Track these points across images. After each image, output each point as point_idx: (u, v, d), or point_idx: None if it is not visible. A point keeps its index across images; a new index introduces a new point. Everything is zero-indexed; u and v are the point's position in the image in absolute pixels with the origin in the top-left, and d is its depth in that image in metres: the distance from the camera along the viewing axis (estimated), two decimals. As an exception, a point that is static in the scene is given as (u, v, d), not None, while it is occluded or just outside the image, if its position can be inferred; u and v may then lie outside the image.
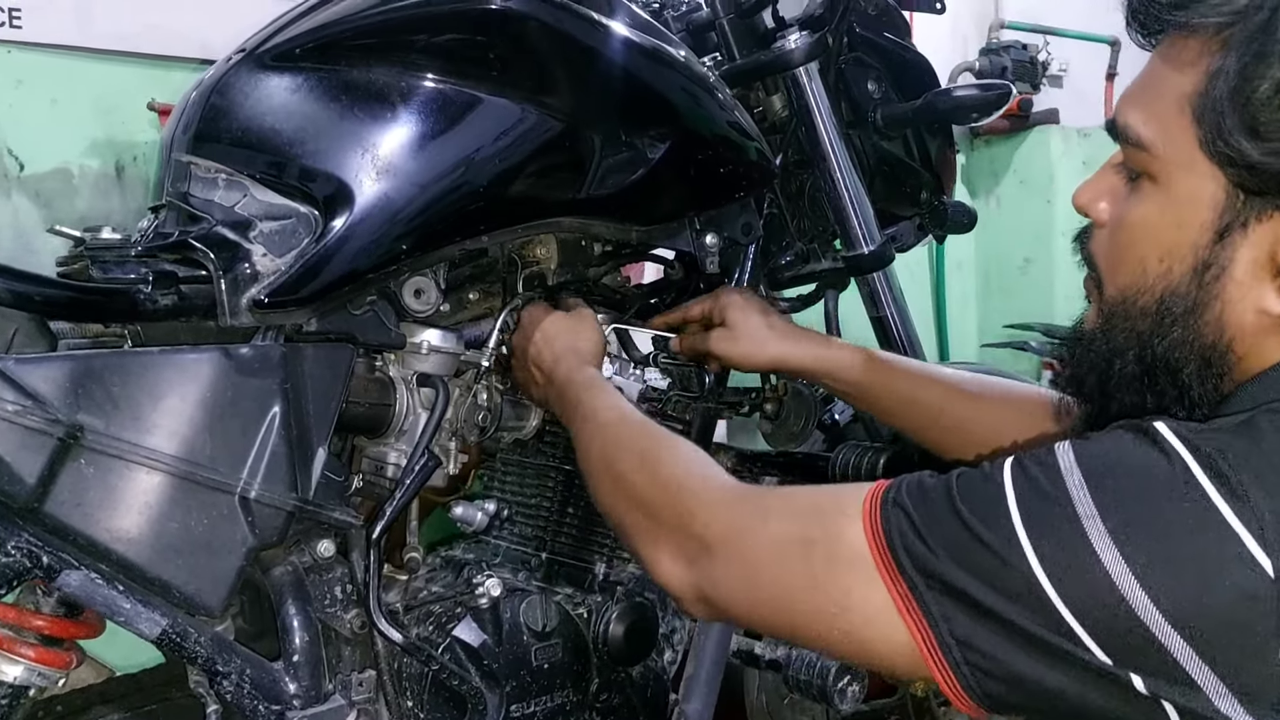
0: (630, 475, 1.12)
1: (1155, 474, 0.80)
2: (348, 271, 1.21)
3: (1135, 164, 0.91)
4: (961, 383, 1.41)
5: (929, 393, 1.39)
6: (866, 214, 1.63)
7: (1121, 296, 0.92)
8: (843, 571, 0.88)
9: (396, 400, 1.32)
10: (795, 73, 1.59)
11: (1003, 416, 1.34)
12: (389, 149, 1.23)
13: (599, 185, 1.34)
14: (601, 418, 1.23)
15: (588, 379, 1.31)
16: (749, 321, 1.44)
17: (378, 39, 1.26)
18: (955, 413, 1.37)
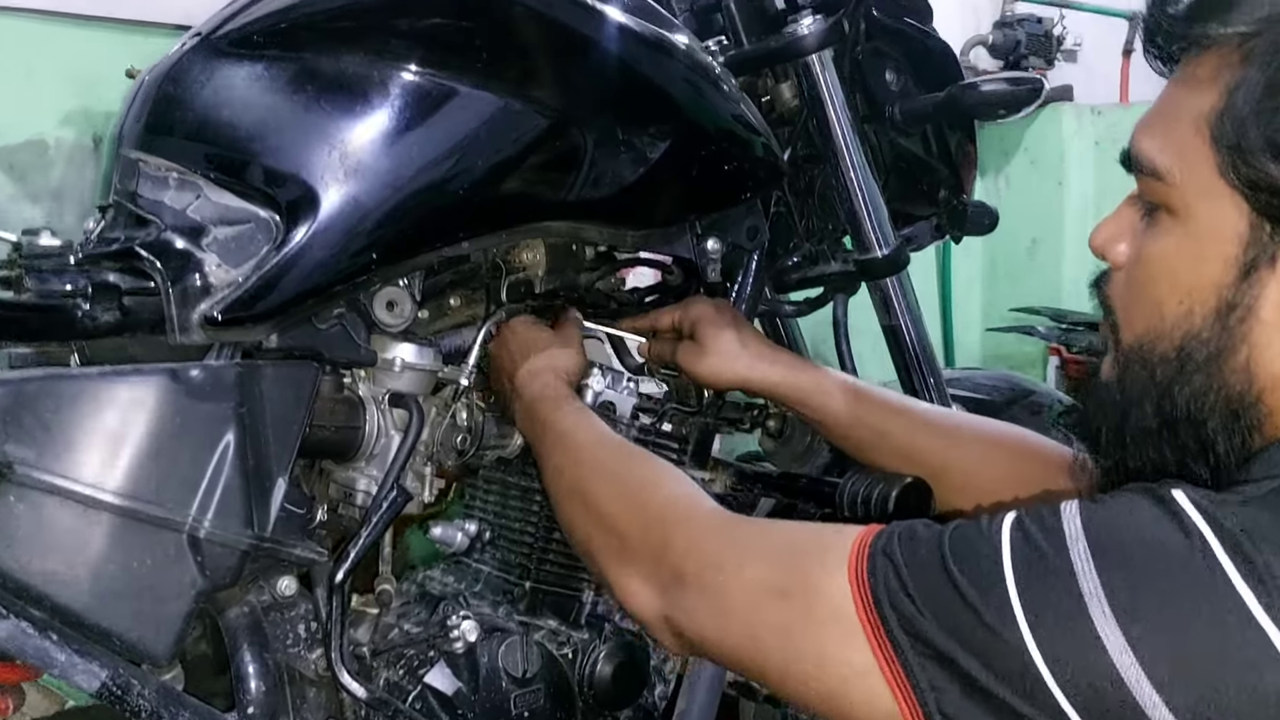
0: (603, 496, 1.06)
1: (1170, 550, 0.72)
2: (311, 284, 1.09)
3: (1151, 195, 0.84)
4: (937, 419, 1.32)
5: (900, 427, 1.30)
6: (880, 215, 1.51)
7: (1139, 343, 0.85)
8: (822, 625, 0.81)
9: (366, 422, 1.20)
10: (807, 61, 1.46)
11: (980, 459, 1.25)
12: (359, 147, 1.11)
13: (591, 186, 1.22)
14: (573, 438, 1.15)
15: (560, 397, 1.22)
16: (719, 337, 1.34)
17: (348, 24, 1.14)
18: (932, 455, 1.27)
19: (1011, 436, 1.27)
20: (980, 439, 1.28)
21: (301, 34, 1.13)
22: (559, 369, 1.27)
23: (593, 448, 1.13)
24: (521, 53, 1.17)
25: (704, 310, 1.35)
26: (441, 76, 1.13)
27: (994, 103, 1.41)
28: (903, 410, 1.32)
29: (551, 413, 1.19)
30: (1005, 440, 1.27)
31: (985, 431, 1.29)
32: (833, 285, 1.64)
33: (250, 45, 1.13)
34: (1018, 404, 1.86)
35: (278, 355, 1.12)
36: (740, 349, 1.33)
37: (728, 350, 1.33)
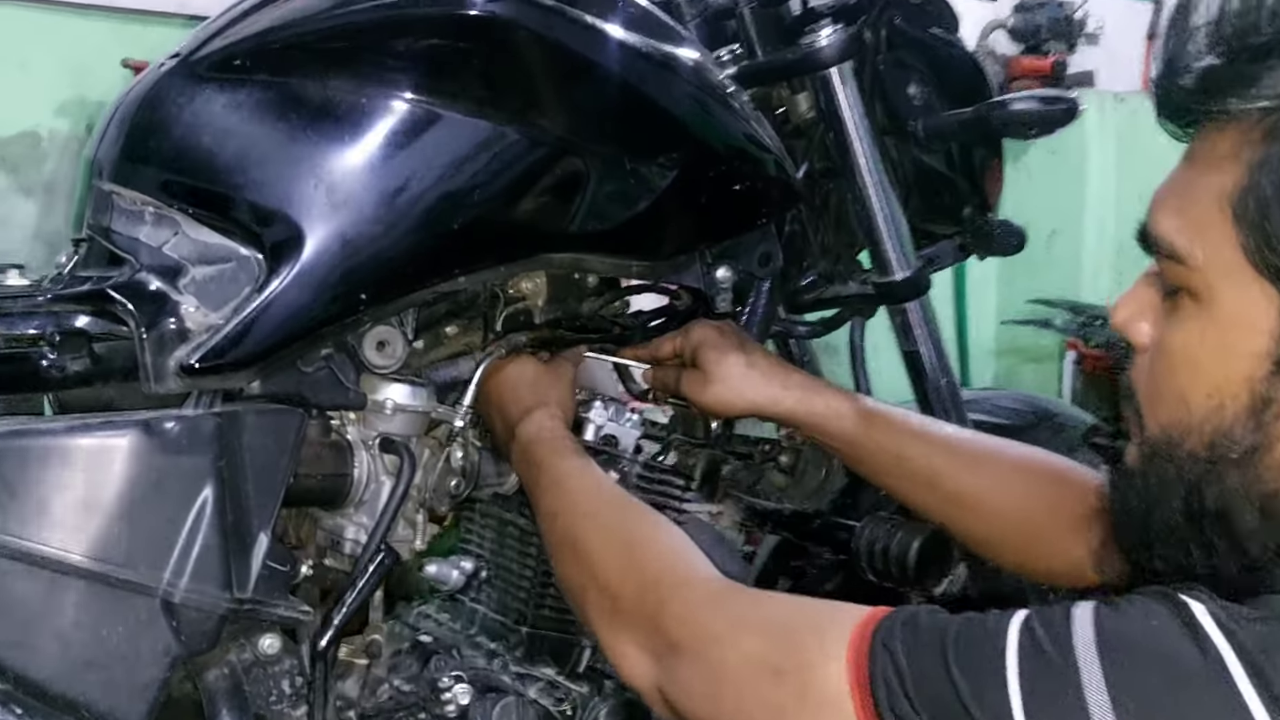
0: (597, 552, 1.01)
1: (1185, 669, 0.67)
2: (296, 328, 1.03)
3: (1172, 278, 0.78)
4: (959, 443, 1.24)
5: (919, 451, 1.22)
6: (901, 235, 1.43)
7: (1165, 435, 0.79)
8: (817, 710, 0.78)
9: (356, 468, 1.14)
10: (826, 73, 1.38)
11: (1003, 485, 1.19)
12: (348, 179, 1.04)
13: (594, 217, 1.15)
14: (568, 484, 1.10)
15: (556, 438, 1.16)
16: (723, 363, 1.26)
17: (336, 47, 1.06)
18: (953, 480, 1.21)
19: (1036, 461, 1.21)
20: (1003, 463, 1.21)
21: (287, 57, 1.06)
22: (554, 407, 1.21)
23: (588, 496, 1.08)
24: (519, 78, 1.09)
25: (706, 334, 1.27)
26: (435, 103, 1.06)
27: (1025, 123, 1.33)
28: (922, 434, 1.25)
29: (547, 455, 1.13)
30: (1030, 464, 1.20)
31: (1009, 456, 1.23)
32: (849, 308, 1.56)
33: (232, 69, 1.06)
34: (1040, 426, 1.79)
35: (260, 401, 1.05)
36: (747, 373, 1.25)
37: (734, 376, 1.25)
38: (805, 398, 1.26)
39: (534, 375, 1.24)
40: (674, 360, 1.32)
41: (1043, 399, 1.91)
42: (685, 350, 1.29)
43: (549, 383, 1.24)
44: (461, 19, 1.05)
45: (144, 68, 1.14)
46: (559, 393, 1.24)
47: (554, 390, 1.24)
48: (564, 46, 1.09)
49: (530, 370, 1.24)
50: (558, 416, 1.20)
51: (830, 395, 1.26)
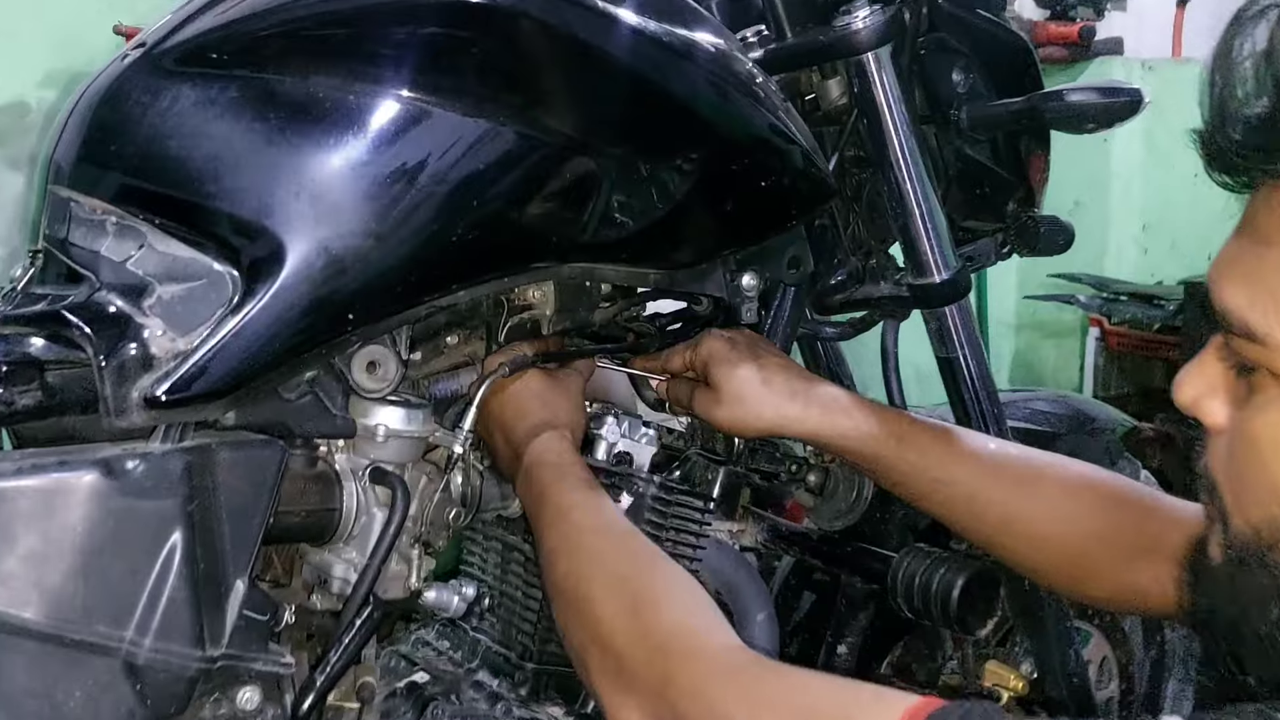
0: (602, 605, 0.90)
1: None
2: (276, 353, 0.92)
3: (1246, 356, 0.69)
4: (1008, 465, 1.13)
5: (962, 475, 1.11)
6: (940, 233, 1.32)
7: (1254, 535, 0.70)
8: None
9: (344, 500, 1.03)
10: (861, 58, 1.26)
11: (1058, 510, 1.08)
12: (334, 186, 0.93)
13: (607, 225, 1.04)
14: (574, 520, 0.99)
15: (563, 463, 1.05)
16: (735, 379, 1.13)
17: (320, 39, 0.95)
18: (997, 506, 1.10)
19: (1090, 482, 1.10)
20: (1053, 486, 1.10)
21: (265, 50, 0.95)
22: (563, 426, 1.10)
23: (595, 538, 0.97)
24: (523, 72, 0.98)
25: (715, 347, 1.15)
26: (430, 101, 0.95)
27: (1083, 116, 1.21)
28: (961, 455, 1.13)
29: (552, 483, 1.03)
30: (1082, 486, 1.10)
31: (1058, 476, 1.11)
32: (881, 310, 1.44)
33: (204, 62, 0.94)
34: (1078, 432, 1.68)
35: (236, 432, 0.94)
36: (763, 390, 1.13)
37: (748, 394, 1.13)
38: (828, 415, 1.14)
39: (541, 390, 1.13)
40: (686, 373, 1.20)
41: (1078, 400, 1.81)
42: (695, 364, 1.17)
43: (557, 398, 1.13)
44: (460, 7, 0.93)
45: (136, 34, 1.03)
46: (568, 409, 1.13)
47: (563, 406, 1.13)
48: (572, 36, 0.97)
49: (537, 384, 1.13)
50: (566, 437, 1.09)
51: (857, 411, 1.14)
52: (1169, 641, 1.93)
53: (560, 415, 1.11)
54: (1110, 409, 1.82)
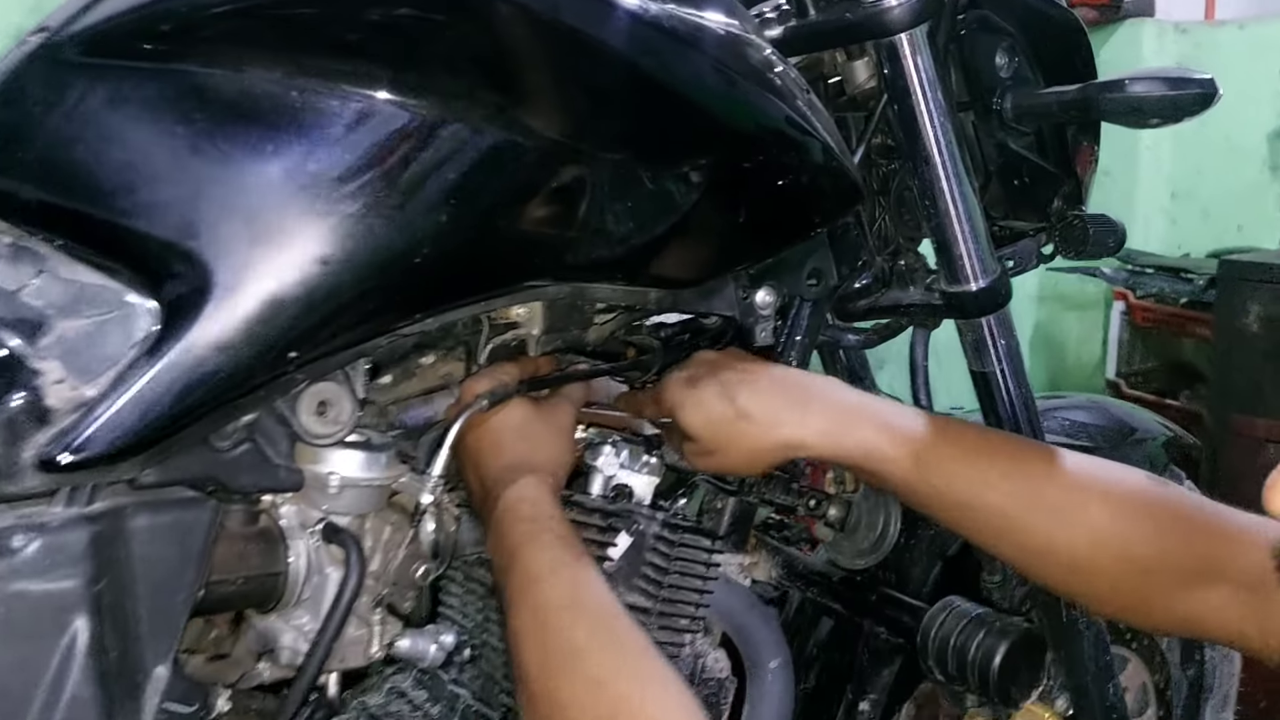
0: (573, 709, 0.77)
1: None
2: (202, 399, 0.77)
3: None
4: (1049, 486, 0.95)
5: (995, 502, 0.95)
6: (978, 234, 1.16)
7: None
8: None
9: (291, 562, 0.89)
10: (894, 40, 1.10)
11: (1106, 541, 0.93)
12: (272, 200, 0.78)
13: (601, 240, 0.89)
14: (544, 595, 0.84)
15: (538, 515, 0.91)
16: (710, 425, 0.98)
17: (256, 26, 0.79)
18: (1038, 535, 0.94)
19: (1149, 501, 0.94)
20: (1106, 509, 0.94)
21: (191, 37, 0.79)
22: (541, 468, 0.96)
23: (570, 621, 0.83)
24: (502, 66, 0.82)
25: (675, 395, 0.99)
26: (389, 100, 0.79)
27: (1146, 110, 1.05)
28: (999, 478, 0.96)
29: (523, 542, 0.88)
30: (1140, 507, 0.94)
31: (1112, 497, 0.95)
32: (910, 318, 1.29)
33: (117, 51, 0.79)
34: (1119, 445, 1.53)
35: (157, 490, 0.80)
36: (746, 429, 0.96)
37: (731, 438, 0.97)
38: (830, 437, 0.97)
39: (522, 423, 0.99)
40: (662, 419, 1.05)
41: (1113, 406, 1.66)
42: (661, 415, 1.02)
43: (540, 433, 0.99)
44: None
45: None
46: (551, 447, 0.99)
47: (545, 443, 0.99)
48: (557, 23, 0.81)
49: (518, 415, 0.98)
50: (545, 483, 0.95)
51: (864, 426, 0.97)
52: (1209, 660, 1.80)
53: (540, 454, 0.97)
54: (1147, 415, 1.67)
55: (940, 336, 1.30)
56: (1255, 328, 2.95)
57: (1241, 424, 2.98)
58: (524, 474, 0.94)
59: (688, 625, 1.12)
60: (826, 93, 1.23)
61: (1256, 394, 2.96)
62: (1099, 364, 4.01)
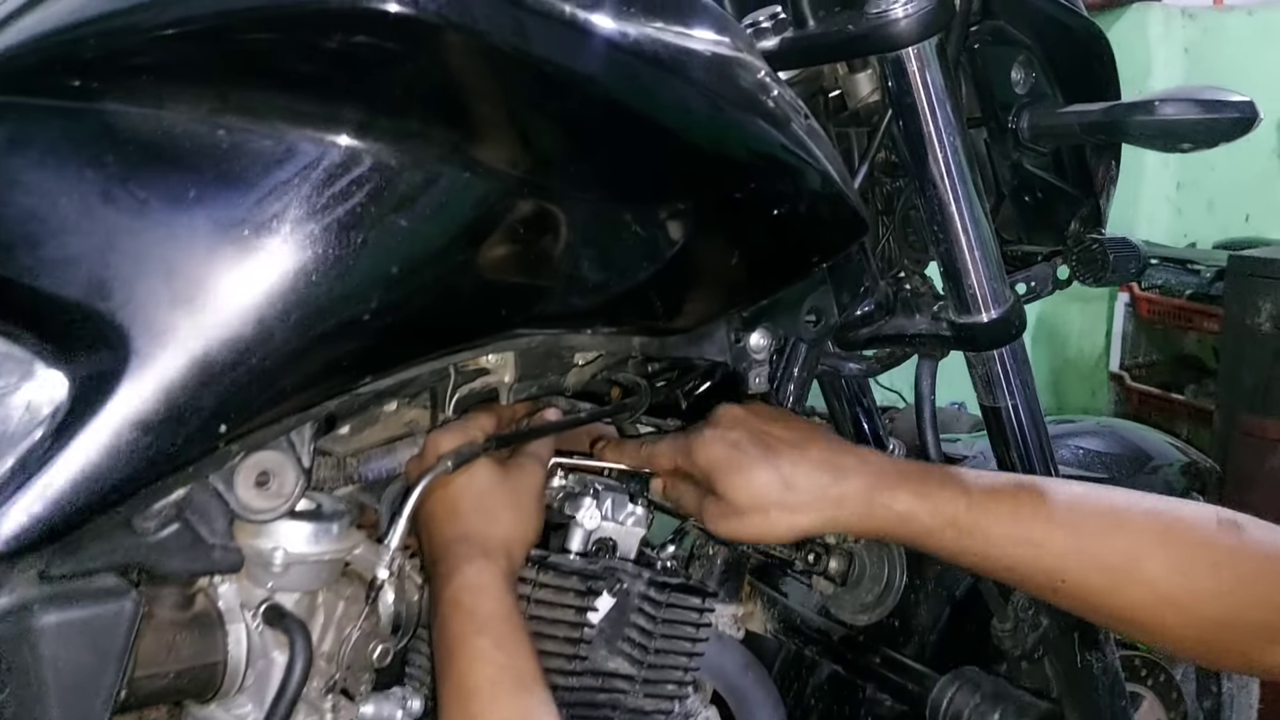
0: None
1: None
2: (119, 483, 0.68)
3: None
4: (1107, 543, 0.86)
5: (1051, 560, 0.87)
6: (989, 262, 1.07)
7: None
8: None
9: (230, 649, 0.79)
10: (900, 54, 1.00)
11: (1173, 600, 0.84)
12: (197, 254, 0.69)
13: (577, 289, 0.79)
14: (478, 713, 0.78)
15: (475, 610, 0.83)
16: (750, 490, 0.89)
17: (180, 57, 0.69)
18: (1096, 595, 0.87)
19: (1224, 553, 0.84)
20: (1173, 563, 0.85)
21: (103, 69, 0.69)
22: (496, 548, 0.87)
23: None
24: (460, 100, 0.73)
25: (716, 456, 0.90)
26: (331, 138, 0.69)
27: (1179, 135, 0.95)
28: (1050, 537, 0.87)
29: (459, 645, 0.80)
30: (1210, 560, 0.84)
31: (1183, 552, 0.85)
32: (916, 348, 1.20)
33: (17, 87, 0.69)
34: (1135, 474, 1.44)
35: (70, 582, 0.71)
36: (787, 496, 0.89)
37: (771, 504, 0.89)
38: (866, 509, 0.89)
39: (482, 491, 0.90)
40: (677, 473, 0.96)
41: (1126, 430, 1.57)
42: (692, 472, 0.93)
43: (500, 505, 0.90)
44: (368, 16, 0.67)
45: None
46: (510, 521, 0.90)
47: (504, 516, 0.90)
48: (520, 53, 0.71)
49: (479, 483, 0.89)
50: (496, 566, 0.86)
51: (903, 495, 0.89)
52: (1226, 691, 1.72)
53: (497, 529, 0.88)
54: (1160, 438, 1.58)
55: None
56: (1267, 327, 2.86)
57: (1251, 424, 2.91)
58: (474, 555, 0.85)
59: (675, 691, 1.03)
60: (827, 107, 1.14)
61: (1267, 394, 2.88)
62: (1102, 356, 3.93)
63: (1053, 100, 1.08)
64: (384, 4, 0.67)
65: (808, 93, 1.11)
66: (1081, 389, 3.95)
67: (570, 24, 0.71)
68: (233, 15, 0.68)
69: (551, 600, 0.94)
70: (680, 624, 1.02)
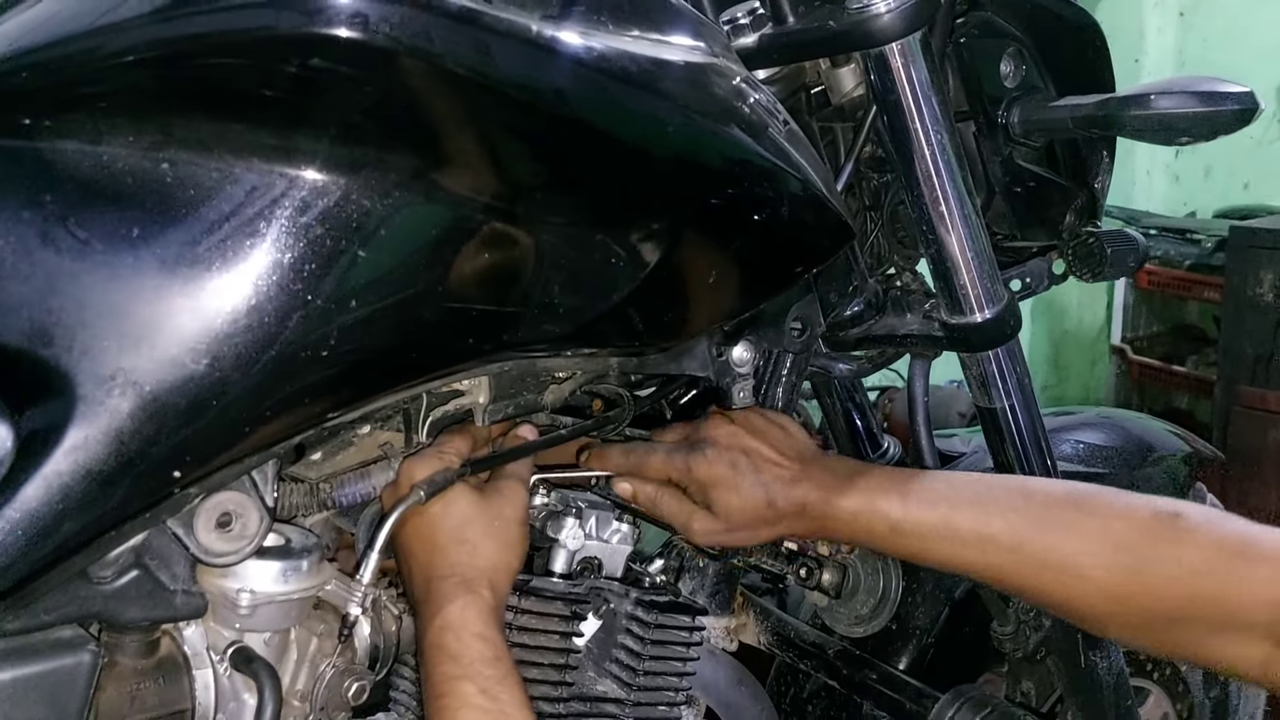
0: None
1: None
2: (67, 536, 0.65)
3: None
4: (1040, 535, 0.86)
5: (1002, 562, 0.87)
6: (981, 261, 1.03)
7: None
8: None
9: (198, 695, 0.77)
10: (883, 49, 0.97)
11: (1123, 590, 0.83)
12: (143, 295, 0.65)
13: (549, 314, 0.76)
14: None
15: (459, 654, 0.79)
16: (743, 509, 0.91)
17: (118, 88, 0.66)
18: (1052, 590, 0.87)
19: (1169, 551, 0.83)
20: (1122, 564, 0.83)
21: (36, 102, 0.66)
22: (479, 580, 0.84)
23: None
24: (414, 124, 0.69)
25: (718, 475, 0.90)
26: (274, 169, 0.66)
27: (1177, 129, 0.91)
28: (998, 545, 0.87)
29: (446, 694, 0.77)
30: (1156, 559, 0.83)
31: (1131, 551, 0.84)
32: (908, 348, 1.17)
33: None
34: (1138, 467, 1.41)
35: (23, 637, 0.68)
36: (769, 514, 0.91)
37: (758, 520, 0.91)
38: (823, 513, 0.91)
39: (462, 522, 0.86)
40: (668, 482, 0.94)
41: (1126, 421, 1.53)
42: (686, 484, 0.91)
43: (481, 534, 0.87)
44: (312, 41, 0.63)
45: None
46: (493, 550, 0.87)
47: (487, 546, 0.86)
48: (475, 73, 0.67)
49: (459, 512, 0.86)
50: (481, 602, 0.83)
51: (884, 499, 0.89)
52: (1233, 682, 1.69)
53: (480, 559, 0.85)
54: (1161, 427, 1.55)
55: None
56: (1269, 297, 2.83)
57: (1252, 396, 2.88)
58: (455, 592, 0.82)
59: (666, 712, 1.00)
60: (809, 104, 1.10)
61: (1269, 366, 2.86)
62: (1103, 329, 3.90)
63: (1044, 93, 1.05)
64: (334, 29, 0.64)
65: (789, 89, 1.07)
66: (1082, 362, 3.92)
67: (533, 43, 0.68)
68: (175, 44, 0.65)
69: (535, 627, 0.91)
70: (670, 644, 0.99)
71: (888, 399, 2.34)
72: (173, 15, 0.64)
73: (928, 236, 1.03)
